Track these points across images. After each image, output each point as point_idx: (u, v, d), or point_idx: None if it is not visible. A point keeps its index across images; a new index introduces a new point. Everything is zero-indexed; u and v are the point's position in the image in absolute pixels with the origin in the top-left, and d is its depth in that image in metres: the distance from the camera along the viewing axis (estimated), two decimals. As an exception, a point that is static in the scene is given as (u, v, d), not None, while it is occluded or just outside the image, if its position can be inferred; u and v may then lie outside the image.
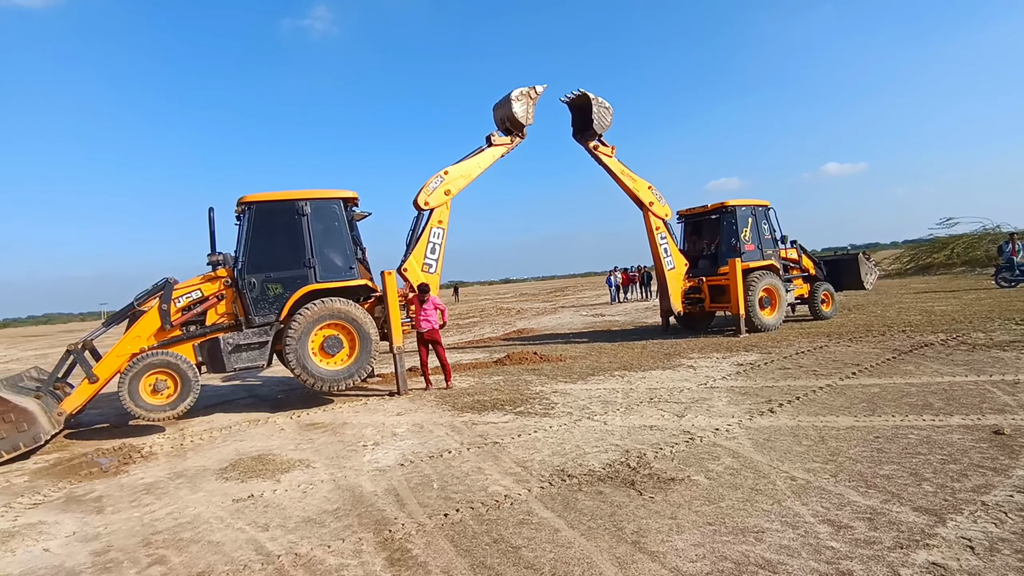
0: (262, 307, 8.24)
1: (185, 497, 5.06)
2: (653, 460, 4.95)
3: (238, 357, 8.09)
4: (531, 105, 10.94)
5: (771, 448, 5.02)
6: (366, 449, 6.08)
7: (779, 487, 4.15)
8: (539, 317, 23.26)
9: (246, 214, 8.32)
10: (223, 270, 8.29)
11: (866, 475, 4.23)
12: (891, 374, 7.49)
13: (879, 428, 5.33)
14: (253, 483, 5.28)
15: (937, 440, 4.86)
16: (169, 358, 7.58)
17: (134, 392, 7.29)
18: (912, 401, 6.14)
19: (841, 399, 6.48)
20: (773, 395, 6.90)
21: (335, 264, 8.62)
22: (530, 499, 4.33)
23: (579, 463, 5.04)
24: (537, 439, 5.90)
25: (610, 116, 12.54)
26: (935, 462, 4.37)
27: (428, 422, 7.03)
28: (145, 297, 7.99)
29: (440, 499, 4.50)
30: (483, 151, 10.72)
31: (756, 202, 14.05)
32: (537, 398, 7.79)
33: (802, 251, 15.22)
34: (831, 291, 14.80)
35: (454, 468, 5.21)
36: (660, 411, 6.60)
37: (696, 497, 4.10)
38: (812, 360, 8.92)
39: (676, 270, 13.46)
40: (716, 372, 8.60)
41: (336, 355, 8.45)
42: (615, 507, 4.05)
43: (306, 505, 4.62)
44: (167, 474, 5.81)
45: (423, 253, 9.90)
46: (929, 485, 3.95)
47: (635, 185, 13.06)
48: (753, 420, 5.92)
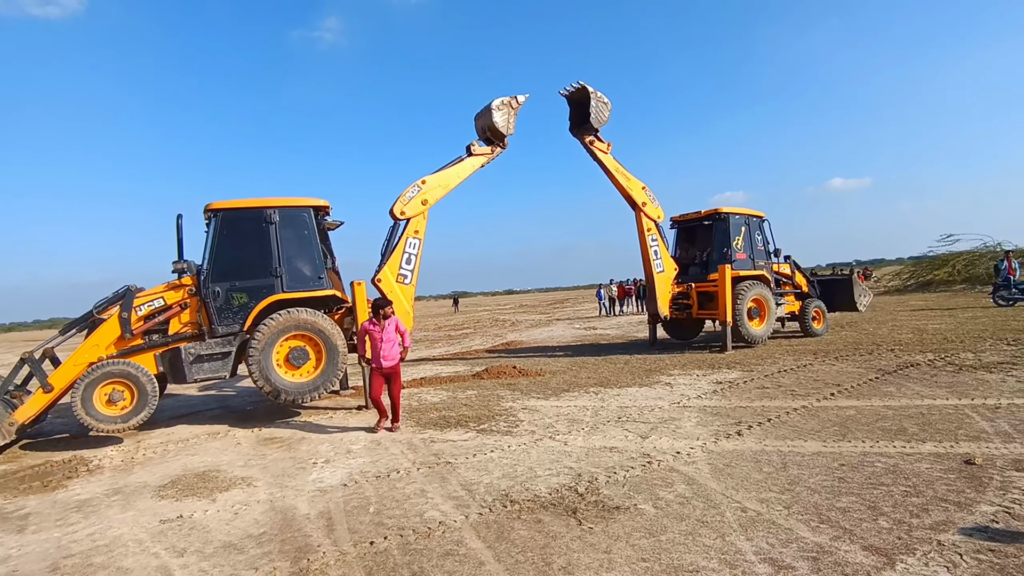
0: (226, 317, 8.04)
1: (113, 517, 4.83)
2: (603, 485, 4.70)
3: (199, 368, 7.88)
4: (512, 115, 10.77)
5: (729, 475, 4.76)
6: (315, 467, 5.84)
7: (727, 519, 3.89)
8: (531, 330, 23.01)
9: (212, 221, 8.15)
10: (188, 278, 8.10)
11: (821, 507, 3.96)
12: (870, 396, 7.21)
13: (846, 455, 5.06)
14: (187, 502, 5.04)
15: (904, 469, 4.59)
16: (129, 368, 7.37)
17: (87, 401, 7.08)
18: (886, 425, 5.87)
19: (813, 422, 6.21)
20: (744, 416, 6.64)
21: (303, 274, 8.42)
22: (465, 527, 4.08)
23: (526, 487, 4.79)
24: (491, 460, 5.65)
25: (608, 111, 12.38)
26: (897, 494, 4.10)
27: (387, 439, 6.79)
28: (105, 305, 7.80)
29: (372, 524, 4.25)
30: (463, 161, 10.55)
31: (751, 212, 13.86)
32: (504, 415, 7.54)
33: (796, 267, 14.97)
34: (822, 308, 14.53)
35: (397, 490, 4.97)
36: (625, 431, 6.34)
37: (637, 528, 3.84)
38: (793, 379, 8.65)
39: (665, 273, 13.24)
40: (692, 390, 8.33)
41: (302, 367, 8.23)
42: (550, 538, 3.80)
43: (233, 528, 4.38)
44: (105, 490, 5.58)
45: (398, 263, 9.69)
46: (886, 520, 3.69)
47: (629, 184, 12.88)
48: (718, 443, 5.66)
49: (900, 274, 32.64)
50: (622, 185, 12.89)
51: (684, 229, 14.77)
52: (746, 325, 12.58)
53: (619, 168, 12.87)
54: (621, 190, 13.00)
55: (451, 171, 10.36)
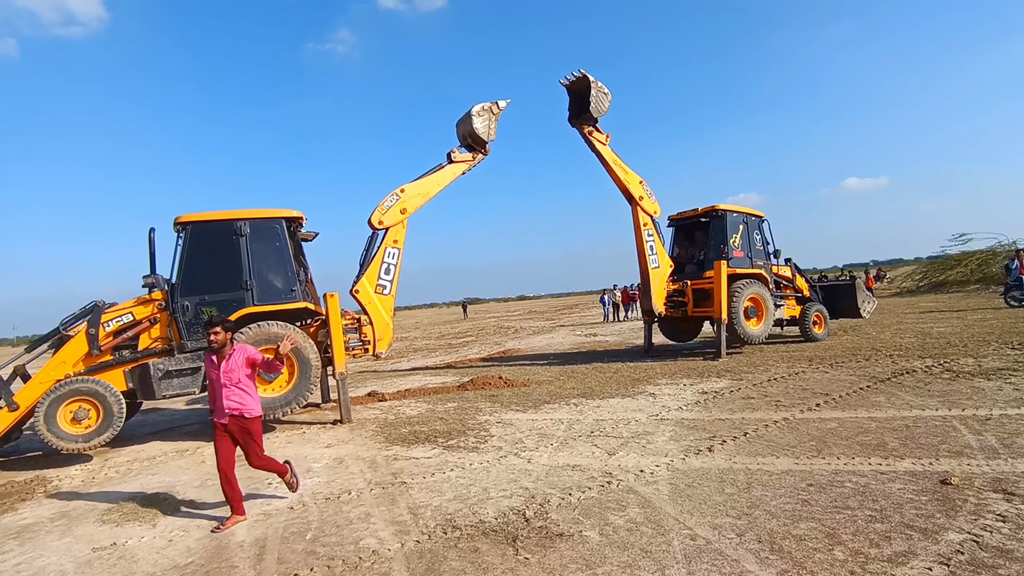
0: (196, 331, 7.91)
1: (48, 544, 4.67)
2: (554, 509, 4.45)
3: (168, 384, 7.75)
4: (493, 121, 10.58)
5: (688, 496, 4.48)
6: (269, 487, 5.64)
7: (673, 548, 3.62)
8: (532, 337, 22.74)
9: (182, 235, 8.03)
10: (158, 292, 7.99)
11: (777, 535, 3.68)
12: (857, 406, 6.88)
13: (816, 473, 4.76)
14: (127, 527, 4.87)
15: (874, 490, 4.28)
16: (97, 387, 7.25)
17: (51, 419, 6.97)
18: (866, 440, 5.54)
19: (791, 436, 5.90)
20: (721, 430, 6.34)
21: (274, 286, 8.28)
22: (397, 557, 3.85)
23: (474, 511, 4.55)
24: (448, 479, 5.41)
25: (608, 102, 12.21)
26: (861, 519, 3.80)
27: (351, 456, 6.58)
28: (72, 321, 7.71)
29: (304, 553, 4.04)
30: (443, 168, 10.36)
31: (749, 211, 13.55)
32: (476, 429, 7.30)
33: (797, 270, 14.60)
34: (823, 313, 14.12)
35: (342, 514, 4.76)
36: (594, 447, 6.08)
37: (575, 559, 3.59)
38: (781, 388, 8.31)
39: (660, 269, 12.97)
40: (675, 401, 8.03)
41: (274, 382, 8.07)
42: (480, 570, 3.56)
43: (161, 558, 4.19)
44: (52, 514, 5.43)
45: (377, 274, 9.52)
46: (842, 551, 3.40)
47: (626, 177, 12.67)
48: (686, 460, 5.38)
49: (912, 275, 31.91)
50: (620, 178, 12.67)
51: (682, 227, 14.48)
52: (742, 324, 12.25)
53: (617, 160, 12.65)
54: (618, 183, 12.78)
55: (431, 179, 10.18)
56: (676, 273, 13.53)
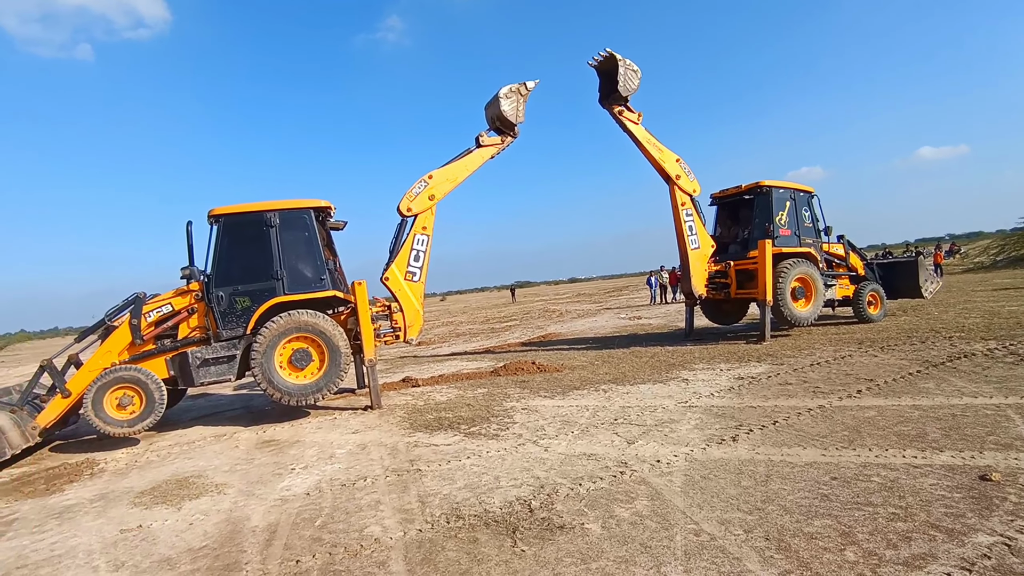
0: (230, 320, 8.18)
1: (82, 524, 4.94)
2: (561, 499, 4.35)
3: (206, 371, 8.06)
4: (521, 102, 10.38)
5: (702, 488, 4.30)
6: (292, 473, 5.79)
7: (675, 544, 3.47)
8: (576, 320, 22.53)
9: (215, 227, 8.28)
10: (195, 284, 8.29)
11: (787, 532, 3.47)
12: (902, 393, 6.44)
13: (843, 466, 4.47)
14: (155, 510, 5.09)
15: (902, 486, 3.98)
16: (139, 375, 7.62)
17: (98, 403, 7.37)
18: (905, 430, 5.17)
19: (823, 425, 5.58)
20: (749, 418, 6.07)
21: (304, 275, 8.44)
22: (397, 546, 3.86)
23: (481, 500, 4.52)
24: (462, 467, 5.40)
25: (637, 79, 11.78)
26: (882, 517, 3.54)
27: (375, 442, 6.67)
28: (116, 312, 8.10)
29: (310, 540, 4.11)
30: (471, 153, 10.27)
31: (797, 186, 12.87)
32: (500, 416, 7.27)
33: (851, 248, 13.79)
34: (880, 292, 13.31)
35: (354, 501, 4.82)
36: (614, 435, 5.93)
37: (572, 553, 3.49)
38: (823, 374, 7.89)
39: (700, 250, 12.47)
40: (707, 387, 7.75)
41: (306, 369, 8.26)
42: (475, 562, 3.51)
43: (179, 540, 4.36)
44: (92, 496, 5.75)
45: (406, 261, 9.57)
46: (854, 552, 3.17)
47: (661, 156, 12.21)
48: (706, 450, 5.17)
49: (988, 248, 29.74)
50: (654, 157, 12.22)
51: (724, 206, 13.88)
52: (789, 305, 11.70)
53: (650, 139, 12.20)
54: (653, 163, 12.33)
55: (458, 164, 10.11)
56: (719, 253, 13.03)
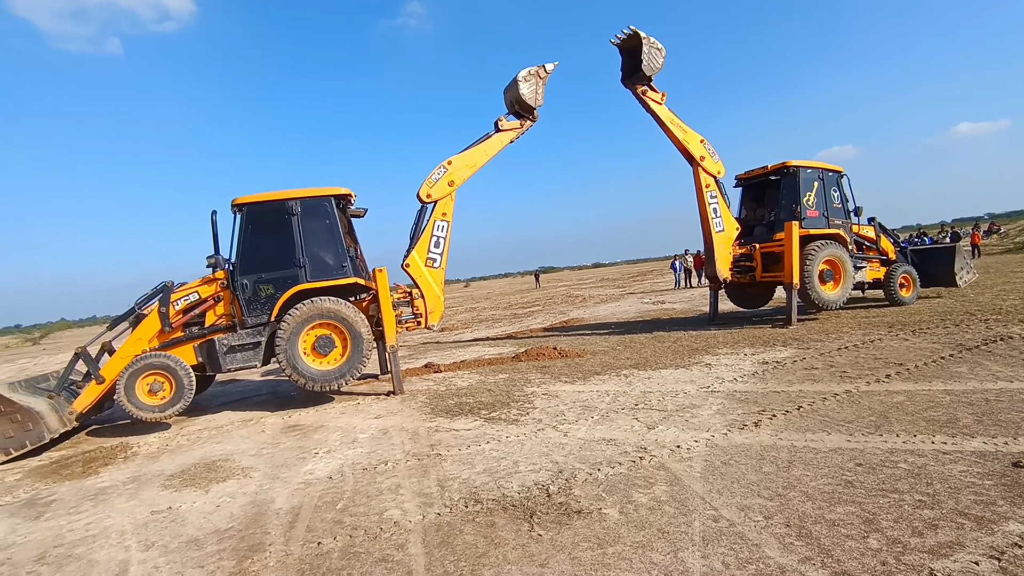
0: (255, 308, 8.32)
1: (116, 506, 5.10)
2: (579, 484, 4.35)
3: (232, 358, 8.23)
4: (540, 85, 10.27)
5: (722, 474, 4.25)
6: (315, 457, 5.90)
7: (692, 530, 3.44)
8: (599, 306, 22.41)
9: (238, 216, 8.40)
10: (220, 272, 8.44)
11: (808, 519, 3.41)
12: (933, 378, 6.26)
13: (868, 452, 4.37)
14: (184, 492, 5.24)
15: (930, 472, 3.88)
16: (168, 361, 7.82)
17: (130, 389, 7.59)
18: (935, 416, 5.03)
19: (849, 410, 5.46)
20: (773, 403, 5.97)
21: (326, 263, 8.52)
22: (416, 529, 3.90)
23: (500, 485, 4.54)
24: (482, 452, 5.43)
25: (662, 58, 11.54)
26: (908, 504, 3.45)
27: (396, 427, 6.75)
28: (145, 301, 8.30)
29: (332, 523, 4.18)
30: (490, 137, 10.21)
31: (826, 166, 12.53)
32: (520, 401, 7.28)
33: (882, 230, 13.37)
34: (912, 274, 12.92)
35: (375, 484, 4.88)
36: (635, 420, 5.89)
37: (589, 538, 3.49)
38: (850, 358, 7.71)
39: (725, 233, 12.26)
40: (730, 372, 7.64)
41: (329, 355, 8.38)
42: (492, 545, 3.53)
43: (207, 522, 4.48)
44: (126, 478, 5.94)
45: (427, 247, 9.60)
46: (877, 539, 3.10)
47: (685, 137, 11.98)
48: (728, 436, 5.10)
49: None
50: (678, 138, 11.99)
51: (750, 187, 13.58)
52: (817, 289, 11.44)
53: (674, 120, 11.97)
54: (677, 143, 12.11)
55: (477, 149, 10.06)
56: (744, 236, 12.78)
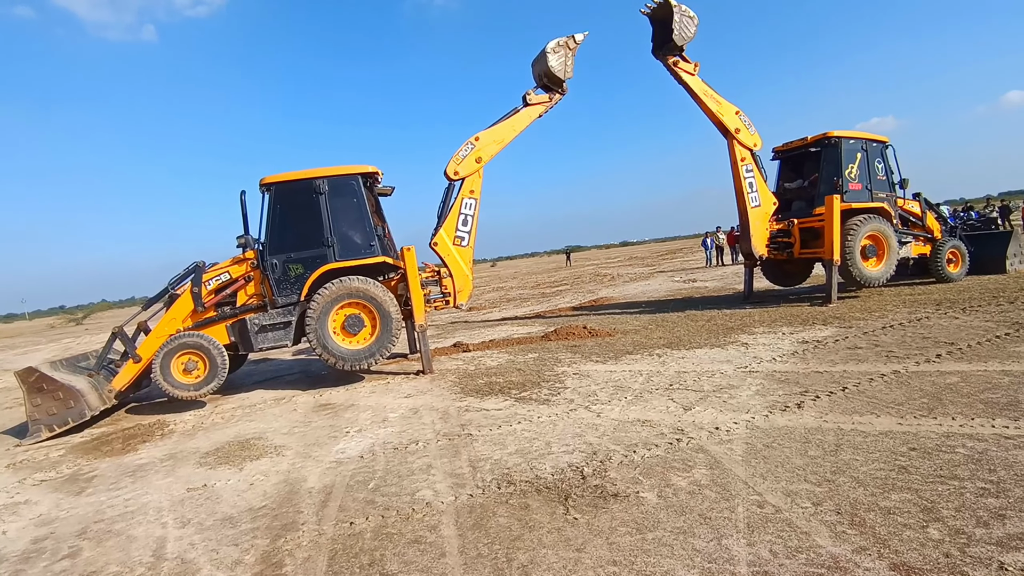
0: (284, 288, 8.34)
1: (154, 482, 5.18)
2: (614, 467, 4.22)
3: (264, 337, 8.28)
4: (570, 57, 9.96)
5: (765, 458, 4.07)
6: (346, 436, 5.89)
7: (736, 516, 3.29)
8: (628, 284, 22.08)
9: (266, 196, 8.38)
10: (251, 252, 8.46)
11: (860, 506, 3.23)
12: (988, 358, 5.93)
13: (922, 436, 4.14)
14: (219, 471, 5.28)
15: (993, 458, 3.64)
16: (202, 341, 7.90)
17: (166, 368, 7.71)
18: (993, 398, 4.75)
19: (899, 392, 5.20)
20: (815, 384, 5.73)
21: (354, 242, 8.47)
22: (448, 510, 3.84)
23: (532, 466, 4.44)
24: (513, 432, 5.34)
25: (694, 27, 11.04)
26: (970, 492, 3.24)
27: (427, 407, 6.71)
28: (178, 281, 8.38)
29: (363, 502, 4.15)
30: (518, 112, 9.98)
31: (870, 136, 11.96)
32: (551, 381, 7.16)
33: (928, 206, 12.74)
34: (961, 249, 12.34)
35: (406, 464, 4.84)
36: (670, 401, 5.73)
37: (627, 522, 3.37)
38: (897, 337, 7.38)
39: (762, 208, 11.80)
40: (769, 352, 7.39)
41: (358, 334, 8.37)
42: (527, 528, 3.44)
43: (241, 500, 4.50)
44: (163, 455, 6.03)
45: (455, 226, 9.48)
46: (938, 529, 2.91)
47: (720, 109, 11.52)
48: (769, 418, 4.91)
49: (1084, 201, 27.18)
50: (712, 110, 11.52)
51: (788, 160, 13.04)
52: (859, 265, 10.99)
53: (707, 91, 11.50)
54: (711, 116, 11.65)
55: (505, 125, 9.85)
56: (781, 211, 12.32)
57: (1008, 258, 12.43)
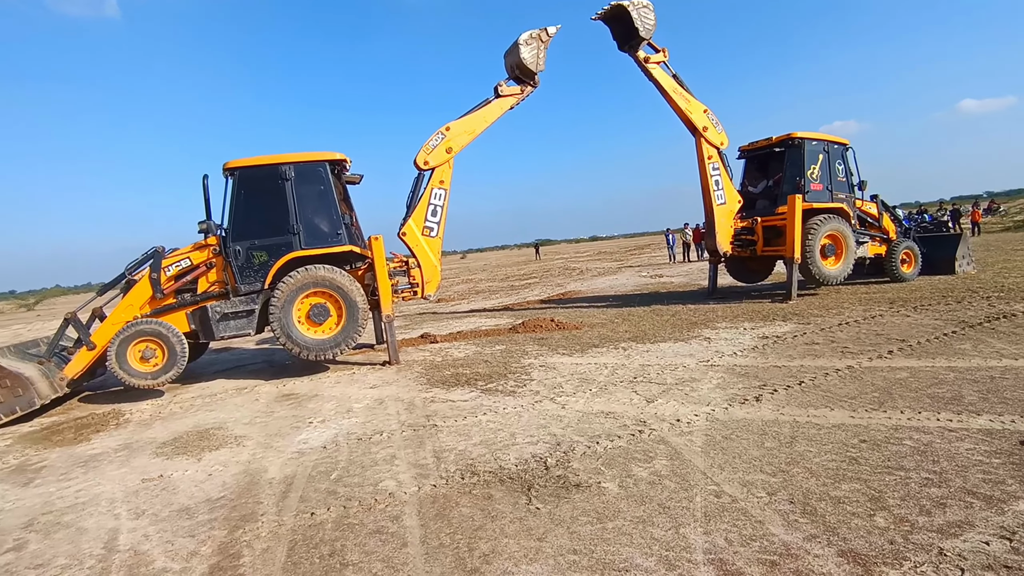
0: (248, 275, 8.15)
1: (107, 473, 5.02)
2: (577, 457, 4.27)
3: (226, 325, 8.10)
4: (542, 49, 9.95)
5: (723, 449, 4.17)
6: (309, 427, 5.82)
7: (694, 505, 3.37)
8: (596, 279, 22.28)
9: (230, 180, 8.17)
10: (213, 238, 8.24)
11: (812, 496, 3.34)
12: (936, 354, 6.19)
13: (873, 428, 4.30)
14: (176, 461, 5.16)
15: (937, 450, 3.81)
16: (160, 328, 7.68)
17: (122, 356, 7.47)
18: (939, 392, 4.96)
19: (852, 386, 5.39)
20: (774, 378, 5.89)
21: (321, 230, 8.33)
22: (411, 500, 3.83)
23: (496, 457, 4.46)
24: (479, 423, 5.35)
25: (652, 14, 11.09)
26: (915, 482, 3.38)
27: (392, 397, 6.67)
28: (136, 267, 8.12)
29: (325, 493, 4.11)
30: (490, 103, 9.93)
31: (831, 138, 12.27)
32: (518, 373, 7.20)
33: (885, 208, 13.16)
34: (914, 250, 12.81)
35: (370, 455, 4.81)
36: (633, 393, 5.82)
37: (588, 512, 3.41)
38: (851, 334, 7.63)
39: (726, 206, 12.03)
40: (730, 346, 7.56)
41: (323, 324, 8.25)
42: (489, 518, 3.46)
43: (198, 491, 4.40)
44: (117, 445, 5.86)
45: (424, 216, 9.40)
46: (884, 517, 3.03)
47: (689, 106, 11.65)
48: (728, 410, 5.03)
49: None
50: (681, 108, 11.64)
51: (753, 159, 13.31)
52: (818, 263, 11.31)
53: (677, 89, 11.61)
54: (680, 113, 11.76)
55: (476, 115, 9.80)
56: (745, 209, 12.58)
57: (957, 260, 12.95)
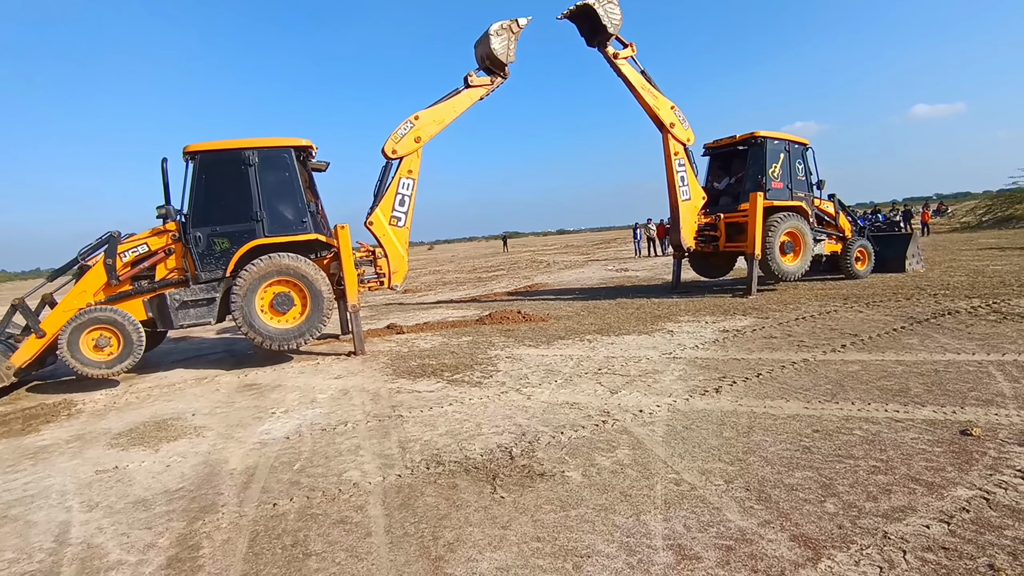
0: (208, 262, 7.95)
1: (57, 465, 4.86)
2: (542, 447, 4.33)
3: (185, 314, 7.89)
4: (513, 41, 9.92)
5: (683, 439, 4.28)
6: (272, 417, 5.73)
7: (655, 493, 3.46)
8: (563, 271, 22.45)
9: (191, 165, 7.94)
10: (172, 223, 8.00)
11: (767, 483, 3.46)
12: (886, 349, 6.45)
13: (825, 419, 4.47)
14: (132, 452, 5.02)
15: (884, 439, 3.99)
16: (116, 316, 7.44)
17: (74, 344, 7.22)
18: (887, 385, 5.18)
19: (807, 378, 5.59)
20: (733, 370, 6.06)
21: (285, 218, 8.17)
22: (375, 491, 3.82)
23: (462, 447, 4.48)
24: (444, 414, 5.36)
25: (619, 10, 11.19)
26: (863, 470, 3.54)
27: (357, 388, 6.62)
28: (90, 252, 7.83)
29: (288, 483, 4.07)
30: (459, 93, 9.87)
31: (792, 138, 12.60)
32: (484, 364, 7.22)
33: (841, 208, 13.61)
34: (867, 248, 13.28)
35: (334, 445, 4.77)
36: (598, 385, 5.91)
37: (552, 500, 3.47)
38: (807, 328, 7.89)
39: (691, 201, 12.29)
40: (692, 339, 7.74)
41: (287, 313, 8.11)
42: (454, 507, 3.48)
43: (155, 482, 4.30)
44: (69, 436, 5.67)
45: (391, 205, 9.31)
46: (834, 503, 3.17)
47: (656, 103, 11.80)
48: (689, 401, 5.16)
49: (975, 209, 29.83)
50: (648, 104, 11.78)
51: (717, 157, 13.59)
52: (777, 260, 11.64)
53: (645, 85, 11.73)
54: (647, 109, 11.90)
55: (446, 105, 9.73)
56: (709, 206, 12.84)
57: (907, 258, 13.49)
